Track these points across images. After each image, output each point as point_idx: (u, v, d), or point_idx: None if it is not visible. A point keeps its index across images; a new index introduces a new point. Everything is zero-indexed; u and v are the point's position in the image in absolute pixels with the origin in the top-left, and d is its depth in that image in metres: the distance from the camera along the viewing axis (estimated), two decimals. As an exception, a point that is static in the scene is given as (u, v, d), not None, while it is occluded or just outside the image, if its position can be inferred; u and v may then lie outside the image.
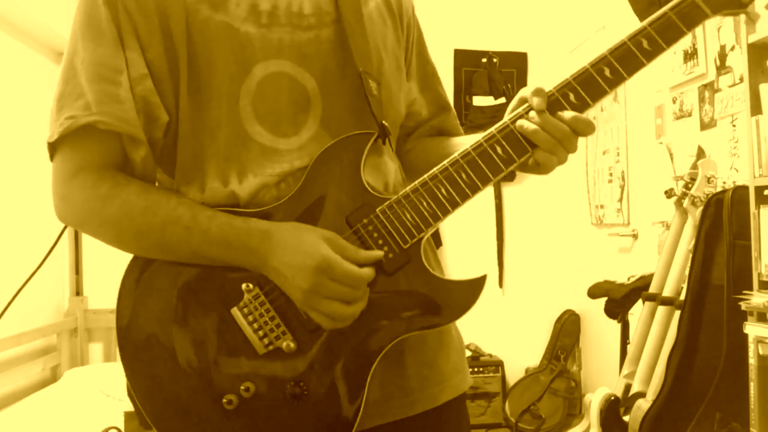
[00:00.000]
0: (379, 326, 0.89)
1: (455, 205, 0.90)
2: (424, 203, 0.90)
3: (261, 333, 0.87)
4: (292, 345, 0.87)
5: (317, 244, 0.85)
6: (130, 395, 0.91)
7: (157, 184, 0.99)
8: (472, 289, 0.90)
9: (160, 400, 0.88)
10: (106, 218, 0.89)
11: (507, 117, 0.92)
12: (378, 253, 0.88)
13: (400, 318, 0.89)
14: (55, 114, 0.89)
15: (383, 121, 0.95)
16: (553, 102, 0.90)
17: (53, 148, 0.91)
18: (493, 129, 0.91)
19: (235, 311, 0.88)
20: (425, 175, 0.91)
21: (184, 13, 0.89)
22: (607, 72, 0.91)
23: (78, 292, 3.24)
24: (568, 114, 0.89)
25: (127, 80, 0.88)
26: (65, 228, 0.99)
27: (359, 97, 0.95)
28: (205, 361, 0.87)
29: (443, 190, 0.90)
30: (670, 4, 0.92)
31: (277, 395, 0.87)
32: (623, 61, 0.91)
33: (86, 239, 3.21)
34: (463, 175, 0.90)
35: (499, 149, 0.90)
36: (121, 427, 0.93)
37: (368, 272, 0.86)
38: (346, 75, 0.95)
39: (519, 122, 0.90)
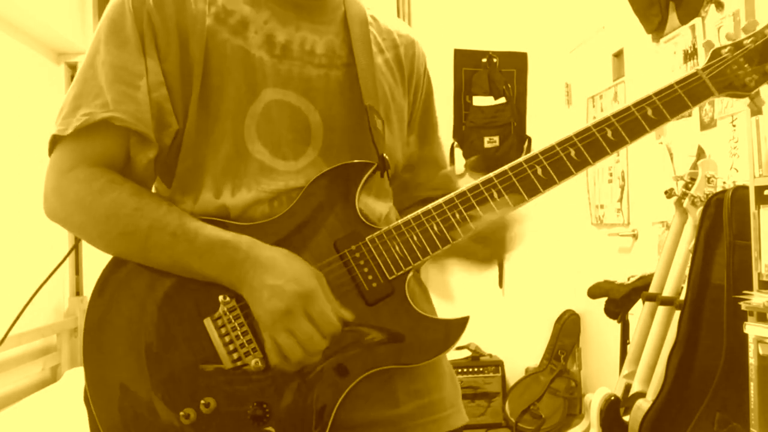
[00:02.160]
0: (352, 356, 0.87)
1: (445, 243, 0.90)
2: (415, 237, 0.90)
3: (231, 347, 0.86)
4: (260, 364, 0.85)
5: (308, 275, 0.84)
6: (86, 400, 0.88)
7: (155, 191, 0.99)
8: (453, 329, 0.90)
9: (115, 407, 0.85)
10: (94, 214, 0.88)
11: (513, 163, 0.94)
12: (348, 315, 0.86)
13: (374, 350, 0.88)
14: (70, 111, 0.90)
15: (384, 154, 0.95)
16: (557, 160, 0.93)
17: (54, 143, 0.91)
18: (493, 174, 0.93)
19: (207, 322, 0.86)
20: (419, 210, 0.91)
21: (205, 34, 0.92)
22: (609, 134, 0.95)
23: (78, 292, 3.23)
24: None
25: (146, 85, 0.90)
26: (74, 246, 0.97)
27: (362, 133, 0.95)
28: (168, 370, 0.85)
29: (435, 228, 0.90)
30: (677, 78, 0.98)
31: (237, 415, 0.84)
32: (627, 127, 0.95)
33: (86, 239, 3.21)
34: (457, 215, 0.90)
35: (495, 194, 0.92)
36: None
37: (339, 325, 0.84)
38: (351, 112, 0.97)
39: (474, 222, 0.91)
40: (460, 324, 0.90)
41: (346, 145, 0.96)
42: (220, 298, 0.86)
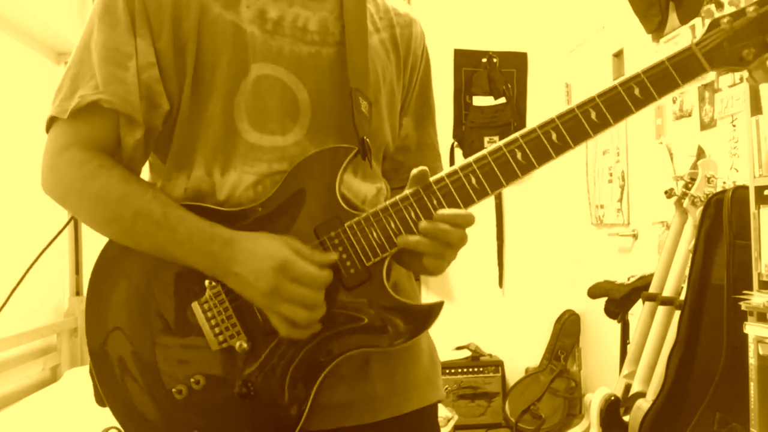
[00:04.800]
0: (331, 338, 0.90)
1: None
2: (392, 224, 0.91)
3: (217, 330, 0.90)
4: (245, 345, 0.89)
5: (276, 247, 0.87)
6: (90, 373, 0.94)
7: (149, 167, 1.02)
8: (428, 314, 0.91)
9: (115, 380, 0.92)
10: (84, 197, 0.92)
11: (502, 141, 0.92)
12: (332, 256, 0.89)
13: (353, 333, 0.91)
14: (68, 93, 0.93)
15: (365, 137, 0.96)
16: (537, 144, 0.91)
17: (52, 121, 0.95)
18: (473, 157, 0.92)
19: (195, 305, 0.90)
20: (397, 196, 0.92)
21: (198, 9, 0.93)
22: (593, 115, 0.92)
23: (78, 292, 3.23)
24: (446, 212, 0.90)
25: (135, 66, 0.91)
26: (66, 225, 1.01)
27: (349, 114, 0.96)
28: (161, 349, 0.91)
29: (412, 213, 0.91)
30: (669, 54, 0.93)
31: (225, 392, 0.90)
32: (612, 107, 0.92)
33: (86, 239, 3.21)
34: (434, 200, 0.91)
35: (473, 179, 0.91)
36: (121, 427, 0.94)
37: (326, 274, 0.87)
38: (339, 93, 0.97)
39: (401, 239, 0.90)
40: (435, 309, 0.91)
41: (332, 126, 0.97)
42: (207, 283, 0.90)
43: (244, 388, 0.89)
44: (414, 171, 0.91)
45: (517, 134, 0.92)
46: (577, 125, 0.91)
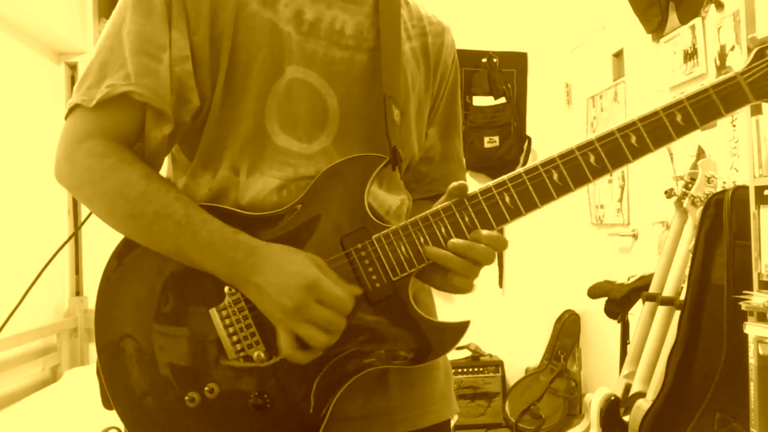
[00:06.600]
0: (353, 353, 0.88)
1: None
2: (422, 239, 0.88)
3: (235, 338, 0.86)
4: (263, 356, 0.86)
5: (308, 265, 0.84)
6: (98, 373, 0.91)
7: (171, 161, 0.99)
8: (453, 333, 0.89)
9: (124, 384, 0.88)
10: (102, 191, 0.88)
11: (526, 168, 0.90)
12: (357, 289, 0.87)
13: (375, 349, 0.88)
14: (95, 81, 0.89)
15: (396, 147, 0.93)
16: (575, 165, 0.89)
17: (72, 108, 0.91)
18: (508, 175, 0.90)
19: (213, 312, 0.87)
20: (428, 211, 0.89)
21: (236, 4, 0.90)
22: (633, 140, 0.89)
23: (78, 292, 3.23)
24: (485, 233, 0.87)
25: (169, 59, 0.88)
26: (66, 242, 0.98)
27: (378, 124, 0.94)
28: (175, 354, 0.88)
29: (443, 229, 0.88)
30: (714, 82, 0.90)
31: (240, 402, 0.87)
32: (653, 133, 0.89)
33: (86, 239, 3.21)
34: (466, 218, 0.88)
35: (507, 198, 0.88)
36: (121, 427, 0.93)
37: (351, 301, 0.85)
38: (370, 101, 0.95)
39: (430, 250, 0.87)
40: (460, 328, 0.89)
41: (360, 134, 0.95)
42: (226, 289, 0.87)
43: (260, 399, 0.86)
44: (454, 184, 0.88)
45: (554, 155, 0.89)
46: (617, 149, 0.89)
